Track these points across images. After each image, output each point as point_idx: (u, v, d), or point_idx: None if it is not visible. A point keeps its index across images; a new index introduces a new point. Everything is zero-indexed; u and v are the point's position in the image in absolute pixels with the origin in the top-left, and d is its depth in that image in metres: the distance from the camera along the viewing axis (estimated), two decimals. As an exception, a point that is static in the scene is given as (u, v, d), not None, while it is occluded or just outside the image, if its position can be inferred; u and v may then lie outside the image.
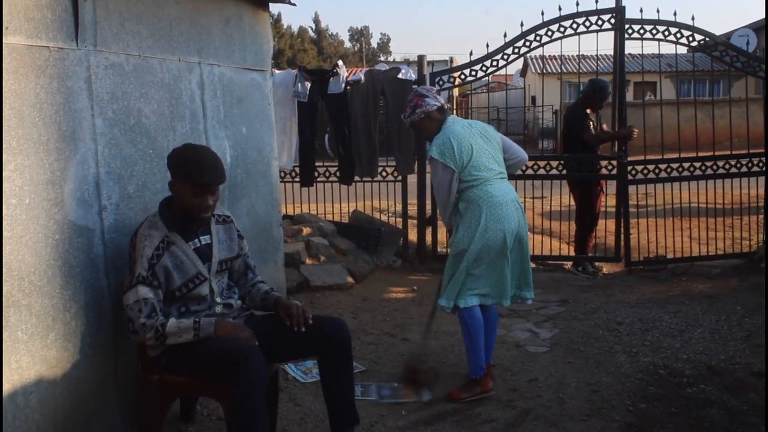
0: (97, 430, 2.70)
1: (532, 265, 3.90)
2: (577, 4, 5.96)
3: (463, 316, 3.54)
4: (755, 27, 19.23)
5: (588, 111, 6.20)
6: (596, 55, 6.09)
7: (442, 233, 6.18)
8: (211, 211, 2.68)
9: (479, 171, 3.49)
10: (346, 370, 2.84)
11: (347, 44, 57.85)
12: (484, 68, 6.16)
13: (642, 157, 6.06)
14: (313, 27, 52.50)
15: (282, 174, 6.33)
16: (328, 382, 2.83)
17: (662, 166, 6.07)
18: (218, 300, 2.76)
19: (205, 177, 2.56)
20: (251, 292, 2.93)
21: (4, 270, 2.25)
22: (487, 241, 3.45)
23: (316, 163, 6.62)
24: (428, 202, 6.21)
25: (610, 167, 6.25)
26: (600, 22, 5.94)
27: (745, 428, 3.11)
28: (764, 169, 6.05)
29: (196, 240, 2.72)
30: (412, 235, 6.71)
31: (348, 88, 6.39)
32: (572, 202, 6.73)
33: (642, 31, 5.93)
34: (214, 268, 2.75)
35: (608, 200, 6.75)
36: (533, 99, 23.71)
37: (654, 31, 5.91)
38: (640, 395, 3.51)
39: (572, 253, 6.67)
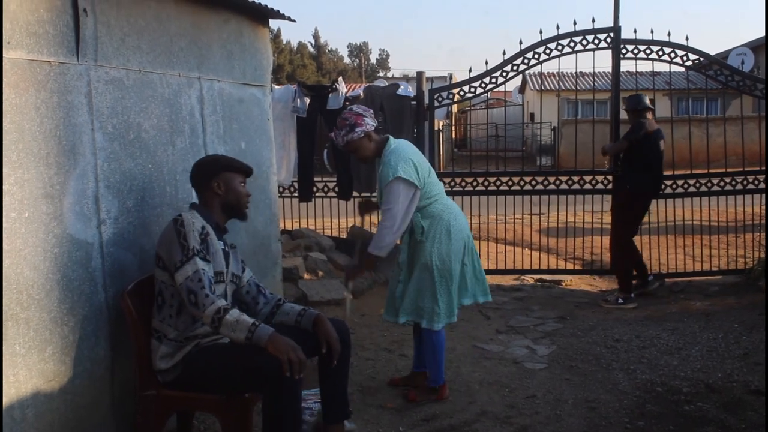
0: (92, 445, 2.69)
1: (531, 278, 3.89)
2: (575, 23, 6.11)
3: (432, 339, 3.61)
4: (753, 46, 19.39)
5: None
6: (593, 73, 6.17)
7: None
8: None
9: (436, 186, 3.58)
10: (344, 369, 2.95)
11: (346, 60, 58.27)
12: (483, 85, 6.26)
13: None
14: (313, 42, 52.88)
15: (281, 189, 6.36)
16: (327, 378, 2.92)
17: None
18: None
19: (246, 165, 2.89)
20: (281, 308, 2.93)
21: (3, 283, 2.26)
22: (457, 251, 3.55)
23: (315, 179, 6.64)
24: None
25: (606, 182, 6.26)
26: (596, 41, 6.07)
27: (742, 446, 3.11)
28: (759, 186, 6.09)
29: (222, 242, 2.78)
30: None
31: (347, 103, 6.42)
32: (570, 218, 6.73)
33: (636, 51, 6.03)
34: (228, 276, 2.80)
35: (604, 217, 6.74)
36: (531, 116, 23.85)
37: (648, 51, 6.01)
38: (637, 413, 3.50)
39: (569, 267, 6.66)
